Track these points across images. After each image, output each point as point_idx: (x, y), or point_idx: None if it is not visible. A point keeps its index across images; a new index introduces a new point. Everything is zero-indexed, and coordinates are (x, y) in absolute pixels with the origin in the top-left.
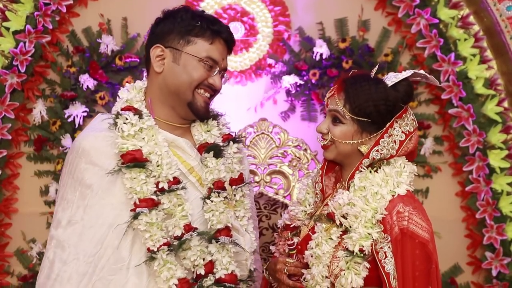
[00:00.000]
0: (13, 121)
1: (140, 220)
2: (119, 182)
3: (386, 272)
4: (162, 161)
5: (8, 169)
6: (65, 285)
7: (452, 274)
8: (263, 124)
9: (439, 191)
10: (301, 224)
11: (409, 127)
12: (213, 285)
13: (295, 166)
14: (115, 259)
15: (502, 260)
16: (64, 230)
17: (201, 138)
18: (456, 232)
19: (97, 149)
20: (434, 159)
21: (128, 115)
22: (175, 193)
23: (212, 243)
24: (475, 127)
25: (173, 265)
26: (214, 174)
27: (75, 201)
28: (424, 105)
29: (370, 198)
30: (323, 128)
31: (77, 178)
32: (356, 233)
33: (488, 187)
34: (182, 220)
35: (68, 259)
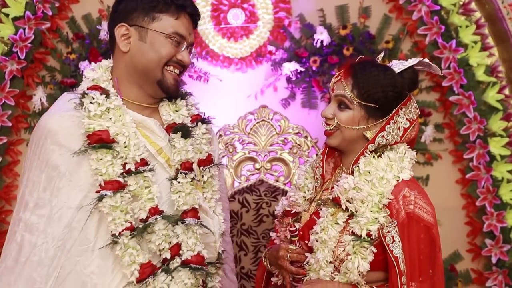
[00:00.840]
0: (13, 108)
1: (104, 202)
2: (85, 163)
3: (395, 256)
4: (130, 142)
5: (8, 156)
6: (35, 268)
7: (452, 261)
8: (264, 111)
9: (439, 179)
10: (301, 210)
11: (412, 114)
12: (180, 267)
13: (295, 153)
14: (81, 240)
15: (501, 247)
16: (31, 213)
17: (169, 118)
18: (456, 219)
19: (63, 130)
20: (435, 146)
21: (94, 94)
22: (142, 175)
23: (178, 225)
24: (476, 115)
25: (135, 250)
26: (182, 155)
27: (42, 183)
28: (425, 93)
29: (377, 183)
30: (328, 113)
31: (43, 159)
32: (364, 218)
33: (488, 175)
34: (148, 203)
35: (37, 242)
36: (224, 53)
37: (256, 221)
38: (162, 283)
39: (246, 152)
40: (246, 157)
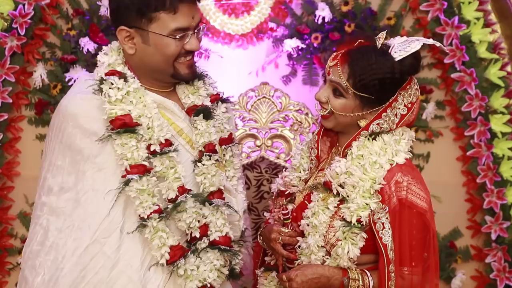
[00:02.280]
0: (14, 84)
1: (131, 186)
2: (108, 147)
3: (383, 243)
4: (153, 123)
5: (9, 132)
6: (60, 251)
7: (452, 238)
8: (265, 88)
9: (440, 156)
10: (295, 190)
11: (412, 97)
12: (208, 248)
13: (296, 130)
14: (108, 222)
15: (501, 224)
16: (57, 197)
17: (189, 101)
18: (456, 196)
19: (85, 113)
20: (436, 123)
21: (113, 79)
22: (167, 156)
23: (206, 206)
24: (478, 92)
25: (164, 233)
26: (205, 137)
27: (66, 167)
28: (426, 69)
29: (369, 168)
30: (322, 97)
31: (66, 143)
32: (354, 204)
33: (489, 152)
34: (175, 183)
35: (63, 226)
36: (225, 30)
37: (257, 198)
38: (192, 264)
39: (247, 129)
40: (247, 134)
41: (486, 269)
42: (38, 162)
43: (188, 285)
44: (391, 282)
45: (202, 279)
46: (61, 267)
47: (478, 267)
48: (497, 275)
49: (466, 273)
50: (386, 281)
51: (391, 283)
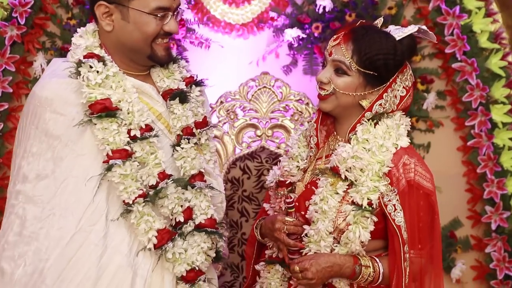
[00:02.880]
0: (14, 74)
1: (114, 172)
2: (88, 132)
3: (397, 225)
4: (133, 108)
5: (10, 122)
6: (42, 241)
7: (452, 227)
8: (265, 78)
9: (440, 146)
10: (295, 180)
11: (408, 82)
12: (194, 231)
13: (297, 120)
14: (92, 209)
15: (501, 214)
16: (33, 185)
17: (164, 85)
18: (457, 186)
19: (62, 97)
20: (437, 113)
21: (92, 62)
22: (147, 141)
23: (188, 189)
24: (479, 82)
25: (151, 217)
26: (182, 121)
27: (42, 154)
28: (427, 59)
29: (376, 151)
30: (324, 78)
31: (42, 129)
32: (364, 187)
33: (489, 142)
34: (155, 169)
35: (42, 215)
36: (225, 19)
37: (257, 188)
38: (180, 248)
39: (247, 119)
40: (248, 124)
41: (486, 259)
42: None
43: (176, 268)
44: (407, 263)
45: (190, 262)
46: (45, 258)
47: (478, 257)
48: (496, 265)
49: (466, 263)
50: (402, 262)
51: (406, 263)
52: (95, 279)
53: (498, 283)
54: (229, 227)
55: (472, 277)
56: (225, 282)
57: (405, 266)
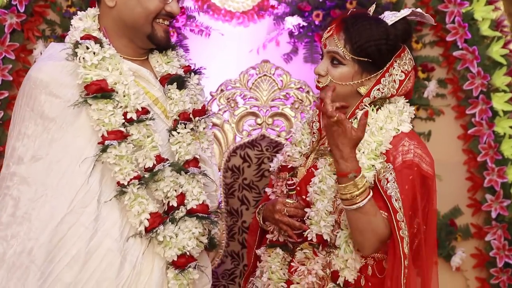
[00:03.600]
0: (14, 62)
1: (109, 153)
2: (83, 114)
3: (388, 195)
4: (129, 90)
5: (10, 110)
6: (33, 222)
7: (452, 216)
8: (266, 66)
9: (441, 134)
10: (297, 165)
11: (407, 66)
12: (185, 216)
13: (297, 108)
14: (84, 191)
15: (502, 203)
16: (27, 166)
17: (162, 70)
18: (457, 174)
19: (58, 79)
20: (437, 102)
21: (89, 43)
22: (144, 124)
23: (182, 175)
24: (480, 70)
25: (145, 199)
26: (179, 105)
27: (38, 136)
28: (428, 47)
29: (376, 132)
30: (321, 70)
31: (38, 111)
32: (359, 164)
33: (490, 130)
34: (152, 151)
35: (35, 196)
36: (225, 7)
37: (257, 176)
38: (171, 232)
39: (247, 107)
40: (248, 112)
41: (485, 247)
42: None
43: (167, 252)
44: (403, 232)
45: (181, 247)
46: (34, 237)
47: (478, 245)
48: (496, 253)
49: (466, 251)
50: (397, 230)
51: (402, 232)
52: (84, 262)
53: (498, 271)
54: (230, 215)
55: (472, 265)
56: (225, 270)
57: (401, 234)
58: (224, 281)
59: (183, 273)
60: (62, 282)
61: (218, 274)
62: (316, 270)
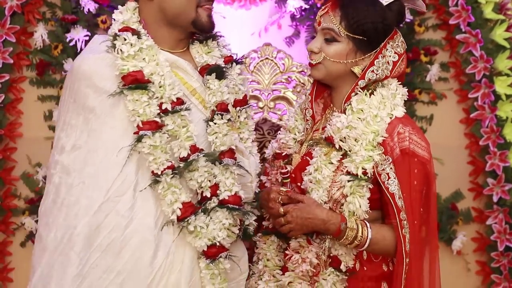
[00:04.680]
0: (14, 45)
1: (143, 143)
2: (121, 105)
3: (391, 193)
4: (165, 81)
5: (11, 93)
6: (72, 208)
7: (453, 200)
8: (267, 49)
9: (443, 118)
10: (292, 152)
11: (400, 48)
12: (217, 207)
13: (299, 92)
14: (121, 181)
15: (503, 186)
16: (68, 155)
17: (202, 60)
18: (459, 158)
19: (98, 72)
20: (440, 85)
21: (126, 35)
22: (179, 114)
23: (216, 165)
24: (483, 53)
25: (177, 189)
26: (217, 96)
27: (79, 126)
28: (431, 31)
29: (371, 121)
30: (314, 47)
31: (79, 103)
32: (359, 156)
33: (493, 114)
34: (187, 141)
35: (73, 183)
36: None
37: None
38: (202, 222)
39: (249, 90)
40: (250, 95)
41: (486, 231)
42: (41, 123)
43: (197, 242)
44: (405, 230)
45: (211, 237)
46: (73, 224)
47: (479, 229)
48: (497, 236)
49: (466, 234)
50: (400, 229)
51: (405, 230)
52: (119, 249)
53: (498, 254)
54: None
55: (473, 249)
56: None
57: (404, 233)
58: None
59: (214, 263)
60: (98, 268)
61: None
62: (310, 258)
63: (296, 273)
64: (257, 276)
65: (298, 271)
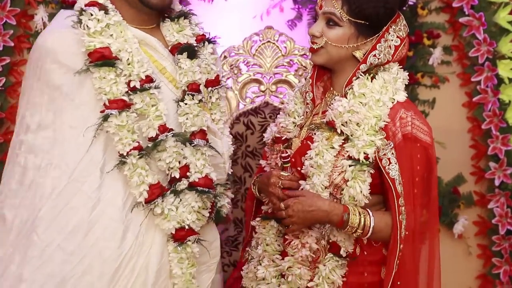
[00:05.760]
0: (15, 27)
1: (109, 122)
2: (88, 82)
3: (391, 178)
4: (133, 58)
5: (12, 76)
6: (38, 190)
7: (455, 183)
8: (269, 33)
9: (446, 102)
10: (291, 136)
11: (402, 32)
12: (186, 189)
13: (301, 75)
14: (87, 161)
15: (505, 170)
16: (34, 135)
17: (173, 39)
18: (461, 142)
19: (63, 48)
20: (442, 69)
21: (93, 10)
22: (148, 92)
23: (187, 146)
24: (486, 36)
25: (144, 170)
26: (189, 76)
27: (44, 104)
28: (434, 14)
29: (373, 105)
30: (315, 31)
31: (44, 80)
32: (361, 141)
33: (495, 98)
34: (156, 121)
35: (41, 164)
36: None
37: (260, 143)
38: (170, 205)
39: (251, 74)
40: (251, 79)
41: (488, 215)
42: None
43: (165, 225)
44: (402, 216)
45: (180, 220)
46: (38, 207)
47: (480, 212)
48: (499, 220)
49: (468, 218)
50: (397, 215)
51: (402, 217)
52: (86, 231)
53: (499, 238)
54: (233, 182)
55: (474, 232)
56: (228, 237)
57: (400, 219)
58: (227, 248)
59: (181, 246)
60: (64, 251)
61: (221, 241)
62: (310, 243)
63: (296, 258)
64: (256, 261)
65: (297, 256)
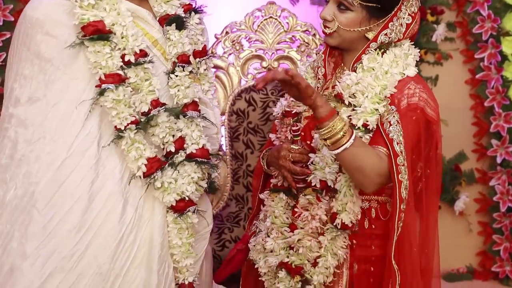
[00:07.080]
0: (15, 2)
1: (106, 96)
2: (81, 56)
3: (390, 138)
4: (127, 32)
5: None
6: (32, 165)
7: (457, 161)
8: (271, 8)
9: (448, 79)
10: (301, 110)
11: (414, 8)
12: (185, 161)
13: (303, 51)
14: (84, 135)
15: (507, 148)
16: (25, 108)
17: (161, 10)
18: (464, 119)
19: (53, 19)
20: (446, 46)
21: None
22: (142, 67)
23: (180, 119)
24: (490, 13)
25: (141, 144)
26: (178, 47)
27: (34, 77)
28: None
29: (381, 76)
30: (327, 15)
31: (34, 52)
32: (362, 108)
33: (499, 75)
34: (149, 96)
35: (33, 138)
36: None
37: (262, 120)
38: (169, 177)
39: (253, 50)
40: (253, 55)
41: (489, 192)
42: None
43: (166, 198)
44: (402, 175)
45: (180, 192)
46: (35, 181)
47: (482, 190)
48: (500, 197)
49: (469, 195)
50: (396, 174)
51: (401, 176)
52: (86, 205)
53: (500, 215)
54: (234, 158)
55: (475, 209)
56: (230, 213)
57: (400, 178)
58: (228, 224)
59: (181, 217)
60: (65, 226)
61: (222, 217)
62: (320, 215)
63: (306, 230)
64: (264, 234)
65: (307, 228)
